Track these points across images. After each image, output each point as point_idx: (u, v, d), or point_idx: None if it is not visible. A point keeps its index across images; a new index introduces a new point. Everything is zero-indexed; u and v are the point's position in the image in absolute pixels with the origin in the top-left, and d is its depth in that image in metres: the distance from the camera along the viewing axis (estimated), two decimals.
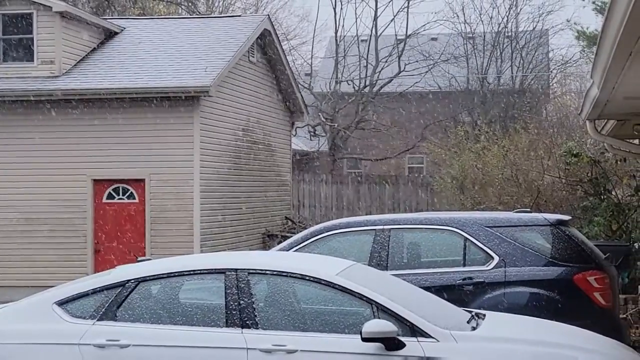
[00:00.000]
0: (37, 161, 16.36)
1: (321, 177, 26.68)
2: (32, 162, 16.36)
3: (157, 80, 16.30)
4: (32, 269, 16.14)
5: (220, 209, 17.06)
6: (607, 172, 13.65)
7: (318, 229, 8.69)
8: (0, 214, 16.42)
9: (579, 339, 6.07)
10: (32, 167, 16.35)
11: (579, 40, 30.47)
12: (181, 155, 16.08)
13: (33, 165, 16.35)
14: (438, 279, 8.05)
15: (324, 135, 31.92)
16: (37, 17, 16.68)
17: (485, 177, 17.02)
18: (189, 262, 6.37)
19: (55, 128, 16.40)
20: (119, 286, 5.97)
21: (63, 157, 16.29)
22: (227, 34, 18.35)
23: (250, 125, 18.79)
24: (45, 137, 16.39)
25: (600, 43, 5.53)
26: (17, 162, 16.34)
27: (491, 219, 8.40)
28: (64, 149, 16.31)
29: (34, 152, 16.37)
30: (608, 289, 8.00)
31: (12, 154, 16.21)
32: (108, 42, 18.28)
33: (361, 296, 5.74)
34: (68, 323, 5.88)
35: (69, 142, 16.31)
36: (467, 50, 32.40)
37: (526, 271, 7.97)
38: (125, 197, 16.31)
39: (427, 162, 30.83)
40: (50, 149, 16.37)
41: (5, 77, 16.36)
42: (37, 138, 16.39)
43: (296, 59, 33.25)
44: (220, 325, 5.76)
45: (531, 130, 17.79)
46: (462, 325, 5.89)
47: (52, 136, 16.39)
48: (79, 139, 16.28)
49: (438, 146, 22.99)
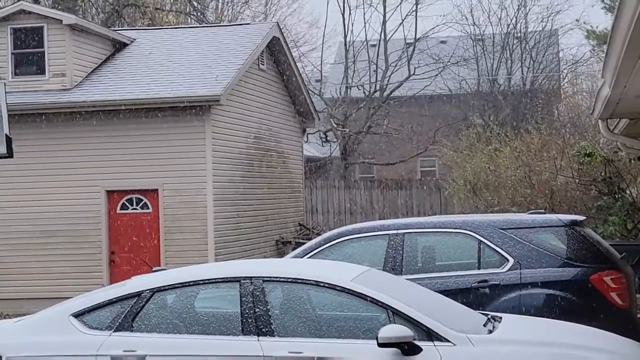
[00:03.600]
0: (50, 174, 16.44)
1: (334, 183, 26.67)
2: (46, 174, 16.44)
3: (167, 91, 16.36)
4: (48, 281, 16.21)
5: (234, 217, 17.08)
6: (620, 171, 13.60)
7: (332, 234, 8.68)
8: (16, 227, 16.50)
9: (596, 339, 6.04)
10: (45, 179, 16.43)
11: (589, 40, 30.36)
12: (193, 165, 16.12)
13: (47, 177, 16.43)
14: (453, 282, 8.03)
15: (336, 140, 31.92)
16: (47, 31, 16.79)
17: (498, 179, 16.98)
18: (203, 271, 6.38)
19: (68, 140, 16.48)
20: (134, 297, 5.98)
21: (76, 169, 16.37)
22: (236, 42, 18.40)
23: (261, 132, 18.82)
24: (58, 150, 16.47)
25: (611, 42, 5.52)
26: (30, 175, 16.42)
27: (505, 221, 8.38)
28: (77, 161, 16.39)
29: (47, 165, 16.45)
30: (625, 289, 7.95)
31: (25, 167, 16.28)
32: (118, 53, 18.37)
33: (376, 301, 5.73)
34: (85, 334, 5.89)
35: (81, 154, 16.38)
36: (477, 52, 32.35)
37: (542, 273, 7.93)
38: (139, 207, 16.36)
39: (439, 165, 30.78)
40: (63, 161, 16.45)
41: (17, 91, 16.46)
42: (50, 151, 16.47)
43: (306, 66, 33.30)
44: (236, 333, 5.76)
45: (543, 131, 17.73)
46: (479, 329, 5.88)
47: (64, 148, 16.47)
48: (92, 151, 16.35)
49: (450, 149, 22.95)
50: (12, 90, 15.69)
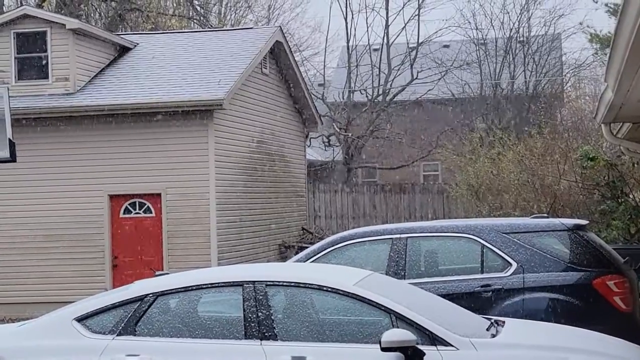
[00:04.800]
0: (53, 178, 16.46)
1: (337, 187, 26.67)
2: (49, 178, 16.46)
3: (170, 95, 16.39)
4: (51, 285, 16.22)
5: (237, 221, 17.09)
6: (624, 175, 13.58)
7: (335, 239, 8.68)
8: (19, 231, 16.52)
9: (599, 344, 6.03)
10: (48, 183, 16.45)
11: (592, 43, 30.37)
12: (196, 169, 16.14)
13: (50, 182, 16.45)
14: (456, 286, 8.02)
15: (338, 145, 31.92)
16: (51, 35, 16.83)
17: (501, 183, 16.96)
18: (206, 275, 6.38)
19: (71, 145, 16.51)
20: (137, 301, 5.98)
21: (79, 173, 16.39)
22: (239, 46, 18.42)
23: (264, 136, 18.83)
24: (61, 154, 16.49)
25: (614, 46, 5.52)
26: (33, 179, 16.44)
27: (508, 225, 8.37)
28: (80, 165, 16.41)
29: (50, 169, 16.48)
30: (628, 293, 7.94)
31: (28, 171, 16.31)
32: (121, 57, 18.39)
33: (379, 305, 5.73)
34: (88, 339, 5.90)
35: (84, 158, 16.41)
36: (480, 56, 32.35)
37: (545, 277, 7.92)
38: (142, 211, 16.38)
39: (442, 169, 30.76)
40: (66, 165, 16.47)
41: (20, 95, 16.49)
42: (53, 155, 16.50)
43: (309, 70, 33.30)
44: (239, 337, 5.76)
45: (546, 135, 17.72)
46: (482, 333, 5.87)
47: (67, 153, 16.49)
48: (95, 155, 16.37)
49: (453, 153, 22.94)
50: (15, 94, 15.71)
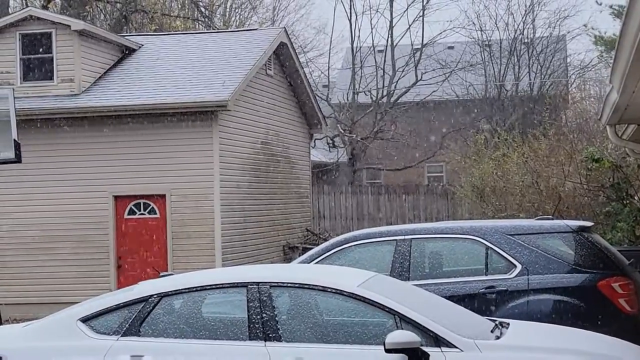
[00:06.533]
0: (58, 179, 16.48)
1: (341, 188, 26.68)
2: (54, 179, 16.49)
3: (175, 96, 16.40)
4: (55, 286, 16.24)
5: (241, 222, 17.10)
6: (629, 177, 13.54)
7: (339, 240, 8.68)
8: (23, 232, 16.55)
9: (604, 346, 6.02)
10: (53, 184, 16.48)
11: (597, 45, 30.34)
12: (201, 170, 16.15)
13: (54, 183, 16.48)
14: (460, 288, 8.01)
15: (343, 146, 31.93)
16: (56, 36, 16.85)
17: (506, 184, 16.94)
18: (211, 276, 6.39)
19: (76, 145, 16.53)
20: (142, 301, 5.99)
21: (84, 174, 16.41)
22: (243, 48, 18.43)
23: (269, 138, 18.84)
24: (66, 155, 16.52)
25: (619, 48, 5.51)
26: (38, 180, 16.47)
27: (513, 226, 8.36)
28: (85, 166, 16.43)
29: (55, 170, 16.50)
30: (633, 295, 7.92)
31: (33, 172, 16.33)
32: (126, 59, 18.42)
33: (383, 307, 5.72)
34: (92, 339, 5.90)
35: (89, 159, 16.43)
36: (484, 57, 32.32)
37: (549, 278, 7.91)
38: (147, 212, 16.39)
39: (447, 170, 30.74)
40: (71, 166, 16.49)
41: (25, 96, 16.52)
42: (58, 156, 16.52)
43: (313, 71, 33.37)
44: (243, 338, 5.76)
45: (551, 137, 17.69)
46: (486, 335, 5.86)
47: (72, 154, 16.52)
48: (100, 156, 16.39)
49: (457, 154, 22.92)
50: (20, 95, 15.75)
